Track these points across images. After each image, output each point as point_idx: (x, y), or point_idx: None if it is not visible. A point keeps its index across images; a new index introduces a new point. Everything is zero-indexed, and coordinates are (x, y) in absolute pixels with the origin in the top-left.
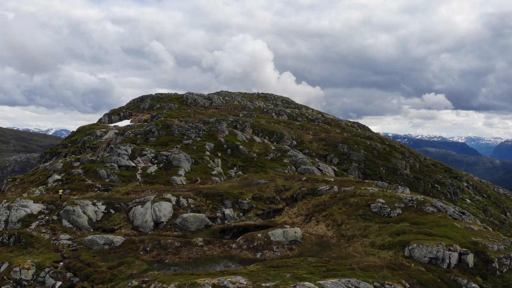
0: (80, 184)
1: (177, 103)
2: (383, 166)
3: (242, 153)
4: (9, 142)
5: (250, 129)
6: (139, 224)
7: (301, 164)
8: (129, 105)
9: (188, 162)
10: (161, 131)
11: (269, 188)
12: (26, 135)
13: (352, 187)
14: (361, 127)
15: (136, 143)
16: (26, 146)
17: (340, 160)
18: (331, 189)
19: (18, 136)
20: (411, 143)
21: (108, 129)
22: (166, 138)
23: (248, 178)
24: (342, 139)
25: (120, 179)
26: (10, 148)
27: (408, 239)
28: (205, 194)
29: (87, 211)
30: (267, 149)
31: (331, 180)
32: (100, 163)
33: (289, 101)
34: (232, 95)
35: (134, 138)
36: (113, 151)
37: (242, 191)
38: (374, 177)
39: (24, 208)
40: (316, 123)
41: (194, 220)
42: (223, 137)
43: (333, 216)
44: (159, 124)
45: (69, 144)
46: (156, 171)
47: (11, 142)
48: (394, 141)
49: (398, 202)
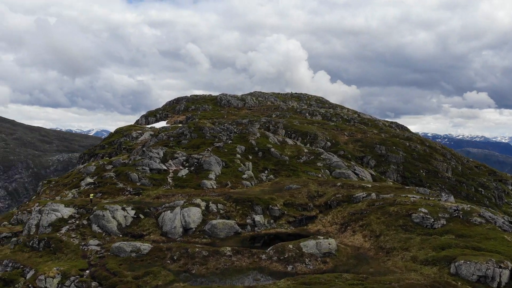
0: (111, 188)
1: (211, 104)
2: (423, 168)
3: (273, 156)
4: (52, 142)
5: (283, 130)
6: (168, 230)
7: (335, 167)
8: (165, 106)
9: (218, 166)
10: (193, 134)
11: (301, 194)
12: (68, 136)
13: (391, 194)
14: (399, 127)
15: (169, 146)
16: (68, 146)
17: (377, 162)
18: (369, 196)
19: (61, 136)
20: (452, 143)
21: (143, 130)
22: (198, 140)
23: (280, 183)
24: (379, 140)
25: (151, 182)
26: (53, 148)
27: (454, 254)
28: (235, 199)
29: (117, 216)
30: (299, 151)
31: (368, 186)
32: (132, 166)
33: (323, 101)
34: (265, 95)
35: (167, 140)
36: (145, 154)
37: (273, 196)
38: (414, 180)
39: (55, 212)
40: (352, 124)
41: (223, 227)
42: (254, 140)
43: (371, 226)
44: (191, 127)
45: (106, 146)
46: (187, 175)
47: (54, 143)
48: (435, 142)
49: (442, 212)
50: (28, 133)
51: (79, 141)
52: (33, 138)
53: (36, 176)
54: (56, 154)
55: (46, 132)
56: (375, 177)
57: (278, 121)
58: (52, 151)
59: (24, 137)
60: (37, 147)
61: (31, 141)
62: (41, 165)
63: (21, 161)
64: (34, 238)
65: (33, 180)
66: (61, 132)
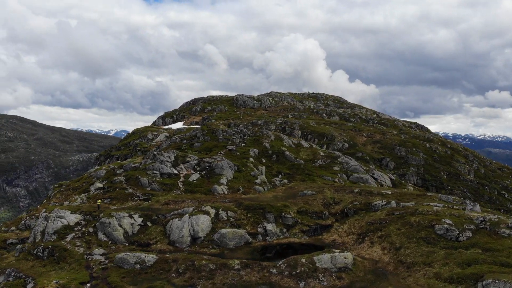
0: (120, 193)
1: (228, 105)
2: (444, 171)
3: (288, 159)
4: (73, 142)
5: (299, 131)
6: (175, 239)
7: (353, 172)
8: (182, 107)
9: (230, 170)
10: (206, 136)
11: (316, 201)
12: (88, 136)
13: (412, 202)
14: (419, 128)
15: (181, 148)
16: (88, 147)
17: (397, 164)
18: (388, 205)
19: (81, 137)
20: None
21: (159, 132)
22: (211, 143)
23: (294, 188)
24: (399, 142)
25: (161, 187)
26: (73, 148)
27: (481, 271)
28: (246, 206)
29: (123, 224)
30: (315, 155)
31: (388, 193)
32: (142, 171)
33: (341, 101)
34: (282, 96)
35: (180, 143)
36: (156, 158)
37: (286, 203)
38: (434, 183)
39: (61, 219)
40: (371, 124)
41: (233, 237)
42: (268, 142)
43: (390, 238)
44: (205, 129)
45: (122, 147)
46: (198, 179)
47: (74, 143)
48: (456, 144)
49: (468, 223)
50: (49, 134)
51: (99, 141)
52: (53, 139)
53: (56, 176)
54: (76, 154)
55: (67, 133)
56: (395, 182)
57: (294, 122)
58: (73, 151)
59: (45, 137)
60: (58, 147)
61: (52, 141)
62: (61, 165)
63: (42, 161)
64: (38, 246)
65: (53, 180)
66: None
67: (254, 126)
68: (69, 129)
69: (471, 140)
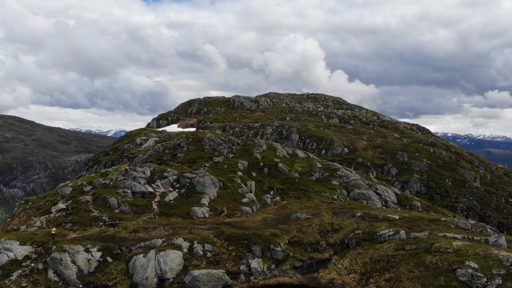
0: (84, 216)
1: (224, 106)
2: (449, 177)
3: (281, 172)
4: (71, 143)
5: (296, 135)
6: (138, 281)
7: (354, 187)
8: (177, 109)
9: (214, 187)
10: (190, 146)
11: (311, 227)
12: (87, 137)
13: (425, 232)
14: (421, 130)
15: (163, 160)
16: (86, 147)
17: (399, 170)
18: (397, 235)
19: (79, 137)
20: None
21: (148, 136)
22: (196, 154)
23: (287, 207)
24: (401, 146)
25: (132, 209)
26: (71, 148)
27: None
28: (228, 236)
29: (77, 260)
30: (311, 167)
31: (395, 218)
32: (112, 189)
33: (340, 102)
34: (280, 96)
35: (162, 153)
36: (128, 174)
37: (276, 231)
38: (439, 191)
39: (8, 252)
40: (371, 126)
41: (208, 280)
42: (259, 153)
43: (402, 283)
44: (190, 137)
45: (111, 152)
46: (175, 199)
47: (72, 143)
48: (461, 148)
49: (497, 267)
50: (47, 134)
51: (97, 142)
52: (51, 139)
53: (54, 177)
54: (74, 154)
55: (65, 133)
56: (400, 197)
57: (291, 125)
58: (71, 152)
59: (43, 137)
60: (56, 148)
61: (50, 142)
62: (59, 166)
63: (39, 162)
64: None
65: (51, 181)
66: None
67: (250, 129)
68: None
69: (470, 140)
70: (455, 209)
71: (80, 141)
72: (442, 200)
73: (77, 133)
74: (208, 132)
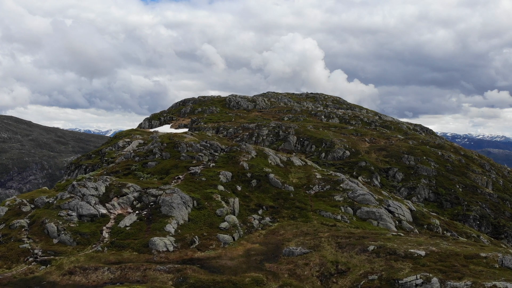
0: (13, 248)
1: (219, 106)
2: (459, 183)
3: (273, 185)
4: (68, 143)
5: (294, 137)
6: None
7: (361, 203)
8: (171, 109)
9: (185, 208)
10: (164, 152)
11: (309, 268)
12: (84, 137)
13: (467, 282)
14: (424, 130)
15: (131, 169)
16: (83, 147)
17: (405, 175)
18: (427, 285)
19: (77, 137)
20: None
21: (132, 138)
22: (169, 162)
23: (278, 233)
24: (407, 149)
25: (75, 239)
26: (68, 149)
27: None
28: (191, 286)
29: None
30: (310, 178)
31: (420, 255)
32: (55, 210)
33: (340, 101)
34: (279, 96)
35: (132, 161)
36: (76, 192)
37: (260, 276)
38: (449, 198)
39: None
40: (373, 127)
41: None
42: (247, 161)
43: None
44: (164, 142)
45: (93, 155)
46: (133, 224)
47: (70, 143)
48: (470, 151)
49: None
50: (44, 134)
51: (95, 142)
52: (48, 139)
53: (51, 178)
54: (72, 155)
55: (62, 133)
56: (416, 214)
57: (289, 125)
58: (68, 152)
59: (40, 138)
60: (53, 148)
61: (47, 142)
62: (55, 166)
63: (36, 162)
64: None
65: (47, 181)
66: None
67: (245, 130)
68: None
69: (470, 140)
70: (467, 218)
71: (78, 141)
72: (452, 208)
73: (74, 133)
74: (188, 136)
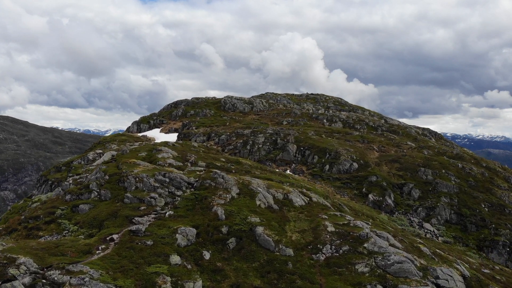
0: None
1: (214, 108)
2: (484, 201)
3: (262, 245)
4: (65, 143)
5: (294, 145)
6: None
7: (397, 277)
8: (162, 111)
9: None
10: (103, 190)
11: None
12: (82, 137)
13: None
14: (433, 135)
15: (55, 215)
16: (81, 148)
17: (422, 192)
18: None
19: (74, 138)
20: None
21: (105, 150)
22: (107, 207)
23: None
24: (422, 160)
25: None
26: (65, 149)
27: None
28: None
29: None
30: (317, 231)
31: None
32: None
33: (342, 103)
34: (277, 97)
35: (60, 201)
36: None
37: None
38: (474, 219)
39: None
40: (380, 132)
41: None
42: (223, 205)
43: None
44: (108, 173)
45: (63, 168)
46: None
47: (67, 144)
48: (493, 162)
49: None
50: (41, 134)
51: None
52: (45, 140)
53: None
54: (68, 156)
55: (60, 133)
56: (471, 282)
57: (288, 132)
58: (64, 153)
59: (36, 138)
60: (49, 149)
61: (43, 143)
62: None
63: (32, 163)
64: None
65: None
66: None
67: (239, 137)
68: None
69: (470, 140)
70: (496, 244)
71: (75, 142)
72: (478, 232)
73: (72, 133)
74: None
